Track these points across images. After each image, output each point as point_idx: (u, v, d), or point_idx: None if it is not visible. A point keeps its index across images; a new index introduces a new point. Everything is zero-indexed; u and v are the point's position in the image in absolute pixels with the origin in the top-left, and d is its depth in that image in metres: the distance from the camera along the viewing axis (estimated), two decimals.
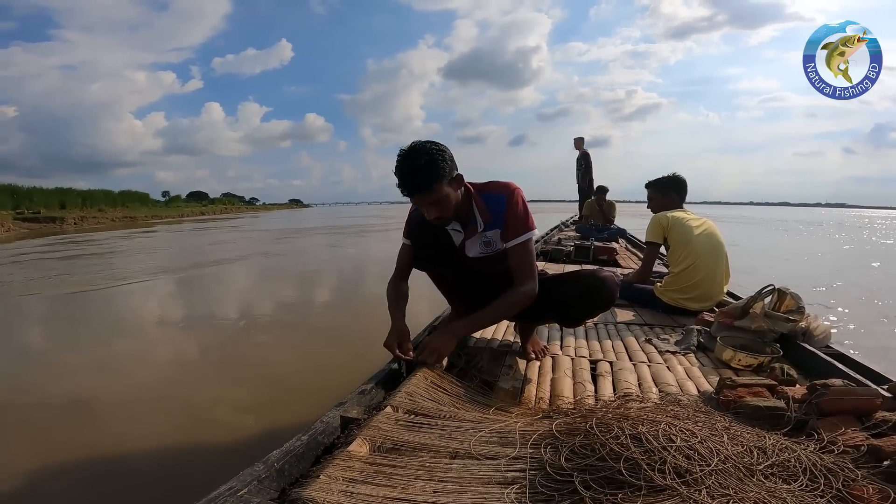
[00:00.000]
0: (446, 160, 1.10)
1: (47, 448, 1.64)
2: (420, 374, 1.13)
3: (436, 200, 1.12)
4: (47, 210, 19.72)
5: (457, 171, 1.14)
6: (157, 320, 3.59)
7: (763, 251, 9.03)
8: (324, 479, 0.70)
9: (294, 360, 2.61)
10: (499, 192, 1.23)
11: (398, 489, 0.70)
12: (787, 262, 7.55)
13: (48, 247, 9.26)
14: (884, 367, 1.19)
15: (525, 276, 1.21)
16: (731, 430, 0.82)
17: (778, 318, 1.50)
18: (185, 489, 1.36)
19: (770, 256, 8.19)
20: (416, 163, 1.08)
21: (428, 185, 1.09)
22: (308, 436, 0.86)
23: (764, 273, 4.89)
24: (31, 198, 21.18)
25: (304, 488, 0.67)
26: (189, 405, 1.95)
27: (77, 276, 5.45)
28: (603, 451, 0.73)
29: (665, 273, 2.26)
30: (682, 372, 1.33)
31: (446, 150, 1.12)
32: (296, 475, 0.78)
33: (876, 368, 1.19)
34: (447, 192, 1.12)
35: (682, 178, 2.27)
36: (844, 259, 8.05)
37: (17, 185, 21.78)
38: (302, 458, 0.82)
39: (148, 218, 24.84)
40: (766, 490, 0.65)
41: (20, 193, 21.08)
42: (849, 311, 3.67)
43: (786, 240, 12.74)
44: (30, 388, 2.14)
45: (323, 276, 6.05)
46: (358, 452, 0.79)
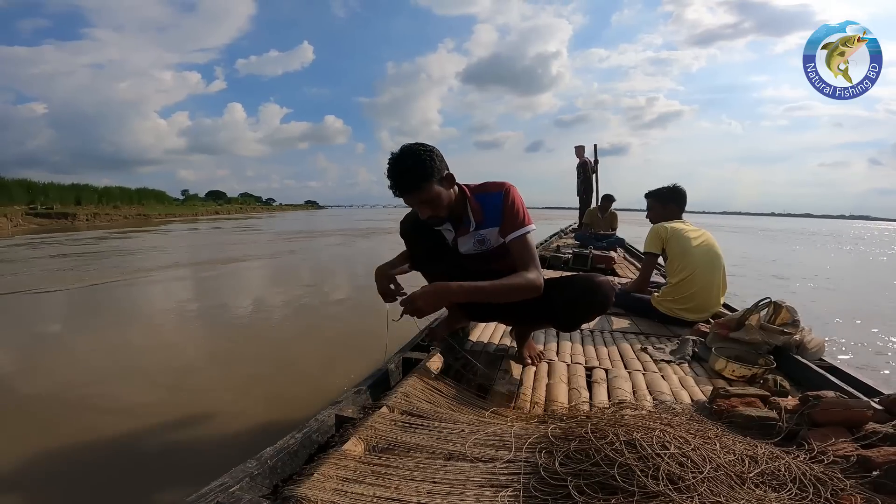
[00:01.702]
0: (434, 160, 1.13)
1: (39, 436, 1.63)
2: (416, 375, 1.14)
3: (426, 199, 1.14)
4: (62, 206, 19.66)
5: (447, 171, 1.17)
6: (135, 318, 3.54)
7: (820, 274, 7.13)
8: (317, 478, 0.70)
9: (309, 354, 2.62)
10: (493, 192, 1.25)
11: (392, 489, 0.70)
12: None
13: (34, 243, 9.05)
14: (877, 380, 1.20)
15: (529, 265, 1.19)
16: (724, 438, 0.83)
17: (773, 330, 1.51)
18: (177, 481, 1.36)
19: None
20: (405, 164, 1.11)
21: (416, 185, 1.12)
22: (302, 434, 0.86)
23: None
24: (47, 193, 21.06)
25: (297, 486, 0.67)
26: (187, 403, 1.94)
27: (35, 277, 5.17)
28: (597, 456, 0.73)
29: (662, 283, 2.27)
30: (677, 381, 1.34)
31: (435, 151, 1.15)
32: (289, 473, 0.78)
33: (868, 381, 1.21)
34: (437, 190, 1.14)
35: (681, 189, 2.29)
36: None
37: (33, 181, 21.71)
38: (295, 455, 0.82)
39: (161, 216, 24.61)
40: (756, 498, 0.66)
41: (35, 189, 20.97)
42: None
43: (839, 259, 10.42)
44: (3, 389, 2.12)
45: (335, 273, 6.03)
46: (352, 452, 0.79)
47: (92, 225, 16.80)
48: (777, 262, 8.88)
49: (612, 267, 3.80)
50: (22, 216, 15.81)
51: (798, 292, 5.24)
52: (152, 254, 7.93)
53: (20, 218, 15.46)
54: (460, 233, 1.28)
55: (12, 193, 19.08)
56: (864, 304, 4.81)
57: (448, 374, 1.27)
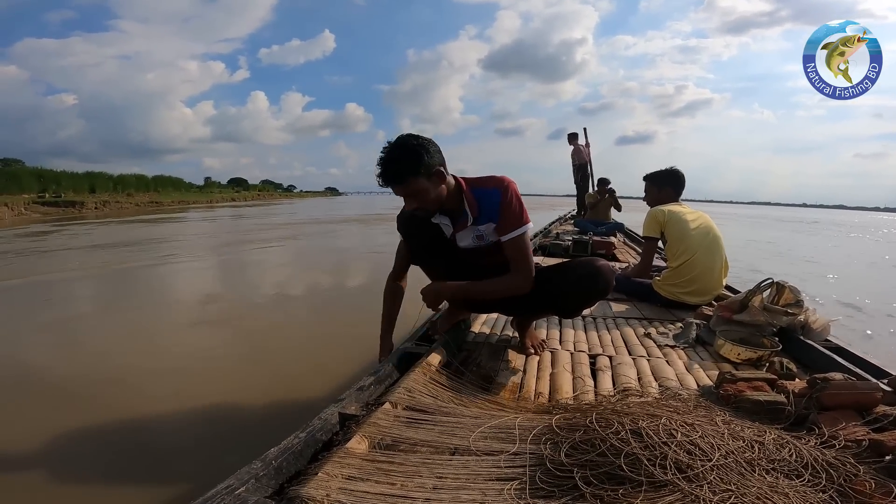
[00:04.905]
0: (423, 155, 1.11)
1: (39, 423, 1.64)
2: (419, 369, 1.12)
3: (412, 192, 1.14)
4: (75, 194, 19.58)
5: (438, 167, 1.15)
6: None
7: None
8: (322, 477, 0.69)
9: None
10: (491, 187, 1.23)
11: (397, 486, 0.70)
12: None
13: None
14: (884, 360, 1.19)
15: (521, 267, 1.23)
16: (732, 424, 0.81)
17: (777, 311, 1.50)
18: (182, 484, 1.36)
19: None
20: (391, 156, 1.12)
21: (399, 178, 1.12)
22: (306, 433, 0.85)
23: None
24: (59, 181, 20.92)
25: (303, 486, 0.67)
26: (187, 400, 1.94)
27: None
28: (603, 446, 0.72)
29: (664, 267, 2.26)
30: (682, 366, 1.33)
31: (428, 146, 1.13)
32: (294, 472, 0.78)
33: (875, 362, 1.19)
34: (422, 185, 1.13)
35: (679, 172, 2.26)
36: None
37: (45, 169, 21.62)
38: (300, 455, 0.81)
39: (175, 203, 24.31)
40: (768, 485, 0.65)
41: (47, 177, 20.85)
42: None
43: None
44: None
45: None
46: (356, 449, 0.79)
47: (101, 213, 16.60)
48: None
49: (613, 252, 3.79)
50: (25, 205, 15.71)
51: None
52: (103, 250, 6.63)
53: (23, 207, 15.36)
54: (458, 227, 1.27)
55: (23, 182, 19.06)
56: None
57: (450, 368, 1.26)
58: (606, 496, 0.64)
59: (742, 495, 0.62)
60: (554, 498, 0.66)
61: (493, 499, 0.66)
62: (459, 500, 0.66)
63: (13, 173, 19.49)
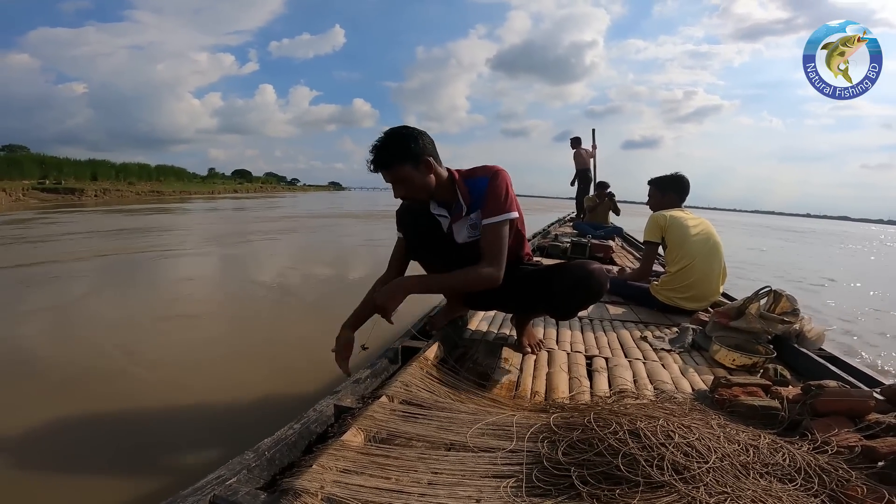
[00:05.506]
0: (413, 144, 1.15)
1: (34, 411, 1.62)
2: (416, 364, 1.12)
3: (398, 178, 1.17)
4: (76, 181, 19.45)
5: (426, 157, 1.17)
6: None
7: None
8: (316, 469, 0.68)
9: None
10: (481, 176, 1.24)
11: (392, 480, 0.69)
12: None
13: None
14: (877, 370, 1.19)
15: (490, 257, 1.19)
16: (727, 428, 0.82)
17: (773, 319, 1.51)
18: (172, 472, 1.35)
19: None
20: (382, 143, 1.16)
21: (386, 163, 1.15)
22: (300, 424, 0.84)
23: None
24: (61, 168, 20.70)
25: (296, 478, 0.66)
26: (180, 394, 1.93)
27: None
28: (601, 446, 0.72)
29: (662, 272, 2.26)
30: (677, 370, 1.34)
31: (419, 137, 1.16)
32: (287, 464, 0.77)
33: (868, 372, 1.21)
34: (409, 172, 1.16)
35: (684, 178, 2.26)
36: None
37: (48, 155, 21.36)
38: (294, 447, 0.80)
39: (176, 193, 24.23)
40: (763, 489, 0.65)
41: (49, 163, 20.60)
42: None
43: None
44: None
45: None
46: (352, 442, 0.78)
47: (100, 201, 16.52)
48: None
49: (611, 256, 3.80)
50: (24, 191, 15.53)
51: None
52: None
53: (21, 192, 15.20)
54: (454, 219, 1.27)
55: (24, 168, 18.85)
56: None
57: (447, 364, 1.25)
58: (603, 496, 0.64)
59: (737, 498, 0.62)
60: (550, 496, 0.66)
61: (489, 495, 0.66)
62: (455, 496, 0.66)
63: (15, 159, 19.26)
